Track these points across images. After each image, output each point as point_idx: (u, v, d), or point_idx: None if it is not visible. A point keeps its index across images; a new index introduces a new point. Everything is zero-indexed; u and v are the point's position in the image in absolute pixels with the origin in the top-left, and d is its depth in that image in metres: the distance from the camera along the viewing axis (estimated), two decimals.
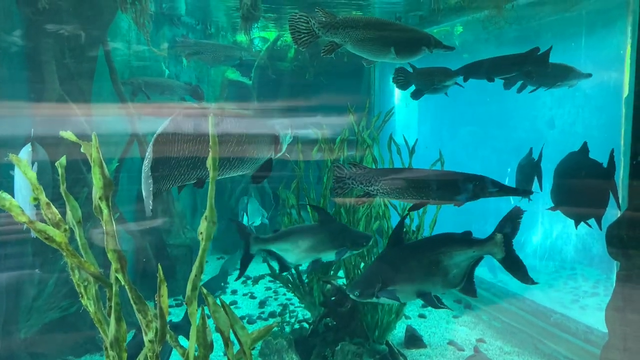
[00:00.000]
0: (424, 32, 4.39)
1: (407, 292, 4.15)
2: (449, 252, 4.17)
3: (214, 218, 1.97)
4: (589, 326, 5.62)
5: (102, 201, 1.77)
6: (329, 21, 3.96)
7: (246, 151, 3.48)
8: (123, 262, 1.81)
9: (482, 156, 9.98)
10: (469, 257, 4.19)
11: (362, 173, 4.08)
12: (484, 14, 6.33)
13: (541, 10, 6.14)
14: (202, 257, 1.97)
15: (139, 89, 7.44)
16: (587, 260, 8.91)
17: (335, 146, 5.85)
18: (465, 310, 7.19)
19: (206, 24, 9.84)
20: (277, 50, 10.59)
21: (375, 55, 4.14)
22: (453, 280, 4.20)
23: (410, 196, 3.99)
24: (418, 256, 4.17)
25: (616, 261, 4.05)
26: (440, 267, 4.15)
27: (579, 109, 8.62)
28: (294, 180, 6.16)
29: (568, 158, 4.50)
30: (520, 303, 6.58)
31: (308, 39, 4.00)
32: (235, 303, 7.57)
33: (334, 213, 5.84)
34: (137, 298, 1.87)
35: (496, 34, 6.55)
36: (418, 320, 6.84)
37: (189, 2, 8.47)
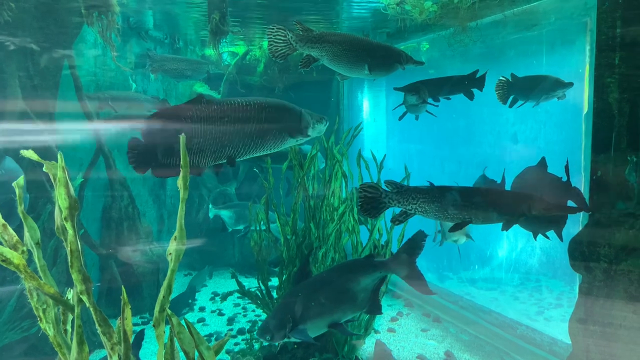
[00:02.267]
0: (397, 49, 4.45)
1: (319, 326, 4.10)
2: (356, 278, 4.22)
3: (183, 239, 1.95)
4: (553, 338, 5.73)
5: (67, 222, 1.73)
6: (306, 35, 3.99)
7: (268, 130, 3.54)
8: (88, 284, 1.78)
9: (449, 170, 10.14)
10: (374, 279, 4.30)
11: (399, 191, 3.97)
12: (449, 32, 6.47)
13: (504, 29, 6.32)
14: (170, 278, 1.94)
15: (106, 102, 7.35)
16: (551, 272, 9.10)
17: (306, 161, 5.87)
18: (434, 323, 7.25)
19: (174, 37, 9.79)
20: (246, 65, 10.60)
21: (349, 71, 4.17)
22: (361, 304, 4.26)
23: (451, 215, 3.88)
24: (326, 288, 4.16)
25: (578, 274, 4.15)
26: (349, 295, 4.17)
27: (541, 125, 8.86)
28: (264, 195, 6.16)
29: (525, 172, 4.61)
30: (487, 316, 6.67)
31: (285, 51, 4.02)
32: (203, 320, 7.47)
33: (303, 228, 5.84)
34: (102, 320, 1.83)
35: (461, 51, 6.69)
36: (387, 335, 6.85)
37: (157, 16, 8.42)
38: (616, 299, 3.74)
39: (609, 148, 4.01)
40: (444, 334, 6.86)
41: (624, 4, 3.86)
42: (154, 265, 7.94)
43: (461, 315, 7.02)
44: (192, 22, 8.75)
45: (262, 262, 6.07)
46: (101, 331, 1.82)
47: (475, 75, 5.17)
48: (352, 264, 4.50)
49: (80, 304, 1.84)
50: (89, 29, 6.28)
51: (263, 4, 7.38)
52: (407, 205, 3.93)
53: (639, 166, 3.88)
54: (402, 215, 4.01)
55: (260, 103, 3.62)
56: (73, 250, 1.73)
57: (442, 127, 9.04)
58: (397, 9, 6.47)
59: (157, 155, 3.37)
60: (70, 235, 1.75)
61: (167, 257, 1.97)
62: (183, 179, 1.91)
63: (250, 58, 10.54)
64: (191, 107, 3.41)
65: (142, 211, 8.21)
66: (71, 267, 1.75)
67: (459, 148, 10.07)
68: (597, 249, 3.90)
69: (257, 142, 3.62)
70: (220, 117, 3.43)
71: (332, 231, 5.63)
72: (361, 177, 5.80)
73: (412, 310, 7.79)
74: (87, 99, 6.86)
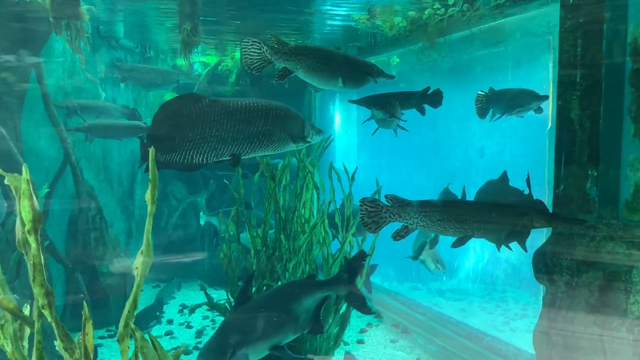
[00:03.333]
0: (369, 62, 4.51)
1: (260, 350, 4.05)
2: (298, 299, 4.23)
3: (150, 253, 1.94)
4: (518, 348, 5.83)
5: (30, 235, 1.71)
6: (280, 48, 4.01)
7: (272, 131, 3.66)
8: (51, 299, 1.75)
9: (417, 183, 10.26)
10: (316, 299, 4.32)
11: (400, 206, 3.93)
12: (418, 47, 6.59)
13: (471, 45, 6.46)
14: (136, 292, 1.93)
15: (74, 112, 7.25)
16: (517, 283, 9.26)
17: (277, 172, 5.87)
18: (403, 334, 7.29)
19: (145, 47, 9.72)
20: (218, 75, 10.58)
21: (324, 83, 4.20)
22: (303, 324, 4.26)
23: (453, 230, 3.84)
24: (267, 310, 4.12)
25: (542, 285, 4.25)
26: (291, 316, 4.16)
27: (507, 139, 9.06)
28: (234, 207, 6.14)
29: (487, 186, 4.70)
30: (455, 327, 6.75)
31: (260, 64, 4.03)
32: (171, 333, 7.37)
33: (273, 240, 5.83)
34: (65, 336, 1.81)
35: (430, 66, 6.82)
36: (357, 346, 6.87)
37: (128, 25, 8.36)
38: (578, 309, 3.83)
39: (571, 162, 4.13)
40: (412, 345, 6.91)
41: (584, 23, 4.00)
42: (122, 277, 7.82)
43: (429, 326, 7.09)
44: (164, 32, 8.71)
45: (232, 274, 6.04)
46: (63, 346, 1.79)
47: (427, 92, 5.24)
48: (293, 285, 4.56)
49: (41, 319, 1.82)
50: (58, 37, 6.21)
51: (235, 15, 7.39)
52: (409, 220, 3.89)
53: (599, 180, 4.01)
54: (403, 230, 3.97)
55: (267, 105, 3.71)
56: (36, 264, 1.71)
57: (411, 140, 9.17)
58: (367, 24, 6.56)
59: (163, 148, 3.39)
60: (34, 249, 1.73)
61: (134, 272, 1.96)
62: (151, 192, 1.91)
63: (222, 68, 10.53)
64: (199, 103, 3.47)
65: (110, 222, 8.10)
66: (33, 281, 1.72)
67: (427, 161, 10.21)
68: (559, 261, 4.00)
69: (262, 142, 3.69)
70: (227, 115, 3.52)
71: (303, 243, 5.64)
72: (332, 188, 5.83)
73: (382, 321, 7.83)
74: (54, 107, 6.76)
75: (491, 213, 3.85)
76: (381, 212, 3.93)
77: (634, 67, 3.80)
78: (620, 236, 3.69)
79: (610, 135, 3.95)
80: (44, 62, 6.54)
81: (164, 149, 3.39)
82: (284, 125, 3.78)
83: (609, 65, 3.94)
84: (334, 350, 5.84)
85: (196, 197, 10.29)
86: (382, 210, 3.93)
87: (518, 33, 5.95)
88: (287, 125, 3.80)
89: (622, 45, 3.87)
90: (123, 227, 9.30)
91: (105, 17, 7.69)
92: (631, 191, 3.87)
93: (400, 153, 10.46)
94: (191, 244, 10.09)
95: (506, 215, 3.83)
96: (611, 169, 3.96)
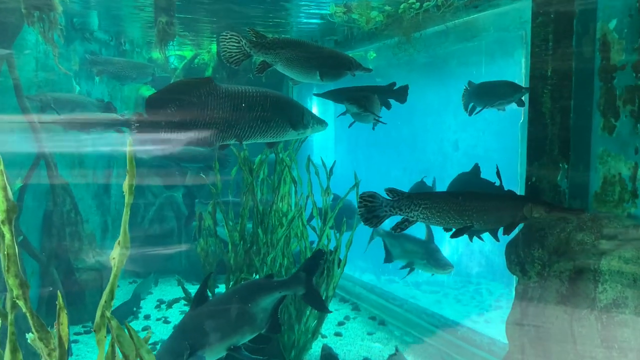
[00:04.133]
0: (347, 56, 4.53)
1: (217, 351, 4.04)
2: (256, 299, 4.25)
3: (127, 244, 1.95)
4: (492, 338, 5.94)
5: (4, 225, 1.71)
6: (259, 41, 4.01)
7: (269, 118, 3.79)
8: (25, 289, 1.75)
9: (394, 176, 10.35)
10: (274, 299, 4.36)
11: (400, 199, 3.90)
12: (394, 41, 6.63)
13: (446, 40, 6.53)
14: (113, 283, 1.94)
15: (48, 105, 7.14)
16: (491, 275, 9.42)
17: (255, 166, 5.88)
18: (379, 327, 7.37)
19: (120, 40, 9.60)
20: (195, 68, 10.51)
21: (302, 76, 4.22)
22: (261, 324, 4.28)
23: (453, 221, 3.84)
24: (225, 311, 4.13)
25: (515, 276, 4.34)
26: (248, 317, 4.18)
27: (480, 133, 9.19)
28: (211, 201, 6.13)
29: (459, 178, 4.77)
30: (430, 318, 6.84)
31: (239, 57, 4.04)
32: (148, 328, 7.34)
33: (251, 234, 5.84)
34: (40, 326, 1.81)
35: (407, 60, 6.87)
36: (334, 339, 6.93)
37: (102, 17, 8.25)
38: (549, 299, 3.92)
39: (542, 155, 4.23)
40: (389, 336, 6.99)
41: (556, 19, 4.09)
42: (97, 272, 7.75)
43: (406, 318, 7.17)
44: (139, 25, 8.62)
45: (209, 269, 6.04)
46: (38, 337, 1.79)
47: (392, 87, 5.28)
48: (250, 285, 4.56)
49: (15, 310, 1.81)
50: (30, 28, 6.11)
51: (211, 9, 7.35)
52: (409, 213, 3.87)
53: (569, 173, 4.10)
54: (403, 223, 3.95)
55: (266, 93, 3.83)
56: (10, 255, 1.70)
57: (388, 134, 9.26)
58: (344, 17, 6.59)
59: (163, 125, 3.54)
60: (8, 239, 1.72)
61: (111, 262, 1.97)
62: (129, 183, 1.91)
63: (199, 62, 10.47)
64: (204, 85, 3.61)
65: (85, 217, 8.01)
66: (7, 271, 1.72)
67: (404, 155, 10.30)
68: (531, 252, 4.09)
69: (261, 127, 3.79)
70: (229, 99, 3.66)
71: (281, 236, 5.65)
72: (310, 182, 5.86)
73: (359, 314, 7.90)
74: (27, 100, 6.64)
75: (491, 203, 3.86)
76: (381, 206, 3.89)
77: (603, 62, 3.89)
78: (589, 227, 3.78)
79: (581, 128, 4.05)
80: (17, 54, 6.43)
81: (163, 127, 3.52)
82: (284, 113, 3.86)
83: (579, 60, 4.03)
84: (311, 343, 5.88)
85: (173, 192, 10.23)
86: (382, 204, 3.89)
87: (492, 28, 6.04)
88: (286, 112, 3.88)
89: (591, 40, 3.97)
90: (99, 222, 9.21)
91: (79, 9, 7.58)
92: (600, 183, 3.96)
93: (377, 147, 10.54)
94: (168, 239, 10.04)
95: (506, 205, 3.86)
96: (581, 161, 4.06)
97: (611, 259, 3.62)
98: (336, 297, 8.39)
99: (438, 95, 9.43)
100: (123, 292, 8.52)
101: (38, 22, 5.99)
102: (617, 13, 3.76)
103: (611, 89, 3.84)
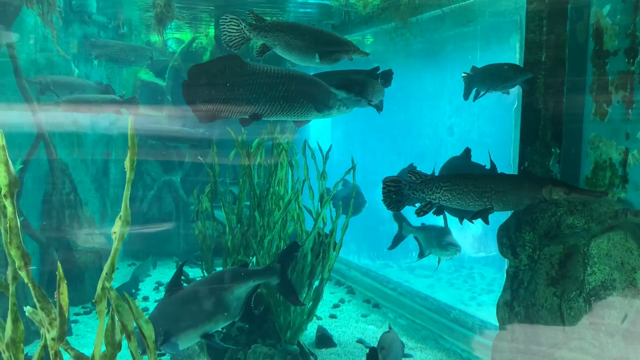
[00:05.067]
0: (345, 39, 4.56)
1: (191, 338, 4.08)
2: (230, 288, 4.28)
3: (128, 218, 2.00)
4: (484, 321, 6.03)
5: (6, 199, 1.77)
6: (258, 24, 4.05)
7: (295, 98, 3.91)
8: (27, 260, 1.82)
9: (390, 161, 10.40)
10: (248, 288, 4.39)
11: (422, 181, 3.88)
12: (391, 26, 6.65)
13: (442, 25, 6.55)
14: (114, 256, 1.99)
15: (47, 87, 7.17)
16: (484, 260, 9.52)
17: (252, 149, 5.93)
18: (374, 309, 7.48)
19: (119, 22, 9.59)
20: (192, 52, 10.51)
21: (301, 59, 4.25)
22: (234, 313, 4.31)
23: (473, 202, 3.82)
24: (199, 299, 4.16)
25: (506, 259, 4.42)
26: (222, 305, 4.20)
27: (475, 118, 9.22)
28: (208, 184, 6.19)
29: (450, 162, 4.81)
30: (424, 301, 6.94)
31: (239, 40, 4.07)
32: (146, 310, 7.43)
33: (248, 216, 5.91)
34: (41, 296, 1.88)
35: (403, 45, 6.89)
36: (329, 321, 7.04)
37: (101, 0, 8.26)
38: (539, 282, 4.00)
39: (535, 140, 4.28)
40: (382, 319, 7.10)
41: (550, 4, 4.12)
42: (96, 254, 7.83)
43: (399, 301, 7.28)
44: (137, 7, 8.61)
45: (207, 251, 6.11)
46: (40, 307, 1.86)
47: (376, 71, 5.26)
48: (224, 273, 4.57)
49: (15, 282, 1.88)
50: (29, 10, 6.12)
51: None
52: (431, 195, 3.85)
53: (561, 157, 4.16)
54: (426, 205, 3.93)
55: (292, 73, 3.95)
56: (12, 227, 1.77)
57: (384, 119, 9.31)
58: (341, 1, 6.60)
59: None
60: (10, 212, 1.79)
61: (112, 236, 2.02)
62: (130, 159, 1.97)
63: (197, 46, 10.46)
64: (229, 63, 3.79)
65: (84, 199, 8.07)
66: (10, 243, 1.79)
67: (399, 140, 10.33)
68: (522, 235, 4.16)
69: (284, 107, 3.91)
70: (251, 76, 3.81)
71: (278, 219, 5.72)
72: (307, 166, 5.91)
73: (354, 297, 8.01)
74: (27, 83, 6.67)
75: (509, 185, 3.84)
76: (403, 190, 3.88)
77: (596, 48, 3.93)
78: (580, 211, 3.84)
79: (573, 114, 4.10)
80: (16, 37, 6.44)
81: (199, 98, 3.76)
82: (307, 93, 3.95)
83: (572, 46, 4.07)
84: (307, 324, 5.97)
85: (171, 176, 10.29)
86: (405, 188, 3.88)
87: (487, 13, 6.06)
88: (310, 93, 3.98)
89: (585, 26, 4.01)
90: (98, 205, 9.28)
91: None
92: (591, 168, 4.03)
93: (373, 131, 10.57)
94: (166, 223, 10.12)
95: (525, 187, 3.83)
96: (573, 146, 4.12)
97: (600, 242, 3.70)
98: (332, 281, 8.49)
99: (433, 81, 9.44)
100: (122, 274, 8.62)
101: (37, 4, 6.00)
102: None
103: (604, 75, 3.89)
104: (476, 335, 5.89)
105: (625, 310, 3.54)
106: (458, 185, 3.80)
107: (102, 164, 9.40)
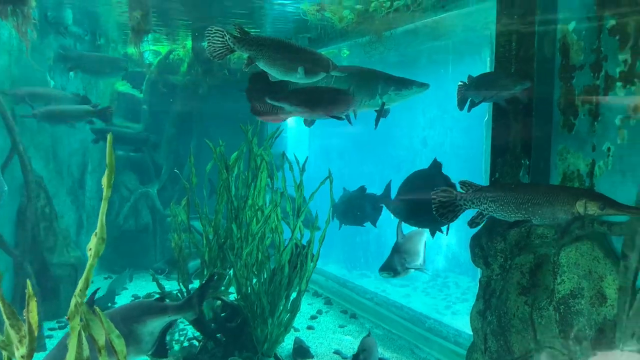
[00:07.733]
0: (325, 56, 4.61)
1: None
2: (144, 321, 4.12)
3: (103, 234, 2.00)
4: (458, 330, 6.10)
5: None
6: (242, 37, 4.09)
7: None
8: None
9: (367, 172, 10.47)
10: (163, 322, 4.25)
11: (473, 191, 3.75)
12: (366, 39, 6.74)
13: (416, 38, 6.65)
14: (88, 272, 1.99)
15: (22, 99, 7.11)
16: (458, 268, 9.62)
17: (230, 161, 5.94)
18: (351, 320, 7.51)
19: (95, 34, 9.55)
20: (170, 64, 10.50)
21: (283, 73, 4.29)
22: (146, 347, 4.15)
23: (513, 214, 3.64)
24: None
25: (478, 268, 4.49)
26: (133, 338, 4.02)
27: (448, 130, 9.36)
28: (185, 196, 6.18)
29: (415, 174, 4.86)
30: (399, 311, 6.99)
31: (222, 51, 4.11)
32: None
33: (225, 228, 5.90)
34: (11, 314, 1.88)
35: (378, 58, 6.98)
36: (307, 332, 7.04)
37: (77, 11, 8.21)
38: (510, 291, 4.08)
39: (505, 152, 4.37)
40: (359, 329, 7.13)
41: (519, 20, 4.23)
42: (72, 268, 7.73)
43: (376, 311, 7.32)
44: (114, 19, 8.59)
45: (183, 264, 6.09)
46: (9, 324, 1.86)
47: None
48: (140, 305, 4.46)
49: None
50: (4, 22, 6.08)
51: (187, 4, 7.37)
52: (481, 205, 3.73)
53: (531, 169, 4.25)
54: (478, 216, 3.81)
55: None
56: None
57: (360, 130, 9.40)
58: (317, 15, 6.67)
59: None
60: None
61: (87, 253, 2.02)
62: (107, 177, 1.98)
63: (174, 57, 10.46)
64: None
65: (59, 212, 7.98)
66: None
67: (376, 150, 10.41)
68: (494, 245, 4.24)
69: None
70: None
71: (257, 231, 5.72)
72: (284, 177, 5.94)
73: (331, 307, 8.03)
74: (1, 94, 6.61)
75: (544, 197, 3.59)
76: (456, 200, 3.77)
77: (563, 62, 4.04)
78: None
79: (542, 126, 4.20)
80: None
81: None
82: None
83: (540, 60, 4.17)
84: (284, 336, 5.98)
85: (148, 187, 10.23)
86: (457, 198, 3.77)
87: (459, 27, 6.18)
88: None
89: (552, 41, 4.11)
90: (74, 217, 9.16)
91: (53, 3, 7.54)
92: (560, 179, 4.11)
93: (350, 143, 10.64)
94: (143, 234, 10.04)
95: (559, 200, 3.53)
96: (542, 158, 4.21)
97: (569, 252, 3.79)
98: (309, 292, 8.50)
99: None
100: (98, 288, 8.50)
101: (11, 16, 5.97)
102: (575, 15, 3.91)
103: (570, 89, 3.99)
104: (451, 345, 5.95)
105: (593, 318, 3.62)
106: (500, 197, 3.66)
107: (78, 175, 9.31)
